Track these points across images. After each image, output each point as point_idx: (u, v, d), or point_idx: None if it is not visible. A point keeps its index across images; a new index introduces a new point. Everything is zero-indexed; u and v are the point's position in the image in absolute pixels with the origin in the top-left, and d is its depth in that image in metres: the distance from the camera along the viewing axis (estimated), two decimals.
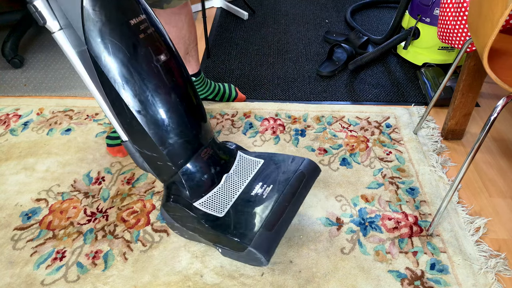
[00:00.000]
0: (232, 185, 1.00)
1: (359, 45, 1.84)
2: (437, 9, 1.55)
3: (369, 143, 1.33)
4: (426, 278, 0.96)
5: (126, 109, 0.87)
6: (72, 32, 0.82)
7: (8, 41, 1.73)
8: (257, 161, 1.07)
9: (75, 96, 1.58)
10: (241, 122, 1.43)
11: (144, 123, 0.89)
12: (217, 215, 0.94)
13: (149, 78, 0.88)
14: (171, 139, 0.93)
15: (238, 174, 1.03)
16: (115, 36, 0.83)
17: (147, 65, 0.87)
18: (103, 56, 0.82)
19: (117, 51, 0.83)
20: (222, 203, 0.96)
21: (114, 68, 0.84)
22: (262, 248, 0.87)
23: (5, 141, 1.37)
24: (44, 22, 0.80)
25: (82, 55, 0.84)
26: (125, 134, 0.93)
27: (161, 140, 0.91)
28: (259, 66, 1.77)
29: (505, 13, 0.72)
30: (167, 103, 0.91)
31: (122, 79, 0.85)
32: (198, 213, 0.94)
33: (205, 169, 0.98)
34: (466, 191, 1.18)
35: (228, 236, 0.89)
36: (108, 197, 1.17)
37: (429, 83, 1.53)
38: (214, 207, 0.95)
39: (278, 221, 0.92)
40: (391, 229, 1.07)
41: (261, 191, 0.98)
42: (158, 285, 0.95)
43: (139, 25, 0.86)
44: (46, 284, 0.96)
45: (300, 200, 1.00)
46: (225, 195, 0.98)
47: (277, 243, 0.91)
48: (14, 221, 1.10)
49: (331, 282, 0.95)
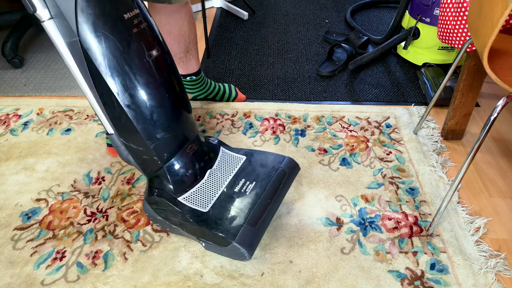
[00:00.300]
0: (216, 181, 1.02)
1: (359, 45, 1.84)
2: (437, 9, 1.55)
3: (369, 143, 1.33)
4: (426, 278, 0.96)
5: (115, 103, 0.87)
6: (63, 22, 0.81)
7: (8, 41, 1.73)
8: (240, 157, 1.09)
9: (75, 96, 1.58)
10: (241, 122, 1.43)
11: (133, 117, 0.89)
12: (201, 210, 0.95)
13: (140, 73, 0.88)
14: (158, 134, 0.93)
15: (221, 170, 1.05)
16: (108, 30, 0.82)
17: (139, 60, 0.87)
18: (95, 48, 0.82)
19: (110, 44, 0.83)
20: (206, 198, 0.98)
21: (105, 61, 0.83)
22: (246, 243, 0.90)
23: (5, 141, 1.37)
24: (34, 10, 0.79)
25: (72, 46, 0.83)
26: (112, 127, 0.93)
27: (149, 134, 0.92)
28: (259, 66, 1.77)
29: (505, 13, 0.72)
30: (156, 98, 0.91)
31: (113, 72, 0.84)
32: (183, 208, 0.95)
33: (190, 164, 0.99)
34: (466, 191, 1.18)
35: (213, 231, 0.91)
36: (108, 197, 1.17)
37: (429, 83, 1.53)
38: (198, 202, 0.96)
39: (261, 217, 0.95)
40: (391, 229, 1.07)
41: (244, 187, 1.00)
42: (158, 285, 0.95)
43: (132, 19, 0.85)
44: (46, 284, 0.96)
45: (281, 197, 1.04)
46: (208, 191, 0.99)
47: (260, 238, 0.94)
48: (14, 221, 1.10)
49: (331, 282, 0.95)
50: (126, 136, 0.93)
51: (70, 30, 0.81)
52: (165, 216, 1.00)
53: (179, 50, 1.32)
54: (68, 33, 0.82)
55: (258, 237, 0.94)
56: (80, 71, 0.86)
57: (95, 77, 0.85)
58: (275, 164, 1.07)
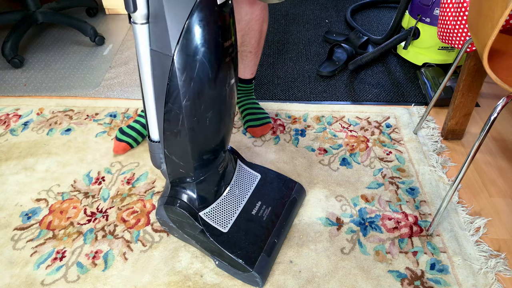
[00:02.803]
0: (234, 198, 1.03)
1: (359, 45, 1.84)
2: (437, 9, 1.55)
3: (369, 143, 1.33)
4: (426, 278, 0.96)
5: (180, 122, 0.84)
6: (159, 31, 0.75)
7: (8, 41, 1.73)
8: (255, 176, 1.10)
9: (75, 96, 1.58)
10: (241, 122, 1.43)
11: (191, 139, 0.87)
12: (221, 230, 0.96)
13: (217, 101, 0.85)
14: (206, 155, 0.92)
15: (239, 187, 1.05)
16: (207, 57, 0.78)
17: (221, 89, 0.84)
18: (187, 70, 0.78)
19: (203, 71, 0.79)
20: (226, 217, 0.99)
21: (191, 85, 0.80)
22: (262, 272, 0.93)
23: (5, 141, 1.37)
24: (134, 9, 0.72)
25: (157, 57, 0.78)
26: (161, 137, 0.90)
27: (197, 155, 0.91)
28: (259, 66, 1.77)
29: (505, 13, 0.72)
30: (219, 125, 0.90)
31: (192, 97, 0.81)
32: (203, 224, 0.95)
33: (217, 182, 1.00)
34: (466, 191, 1.18)
35: (233, 256, 0.92)
36: (108, 197, 1.17)
37: (429, 83, 1.53)
38: (218, 220, 0.97)
39: (275, 247, 0.98)
40: (391, 229, 1.07)
41: (261, 211, 1.02)
42: (158, 285, 0.95)
43: (229, 48, 0.82)
44: (46, 284, 0.96)
45: (290, 225, 1.08)
46: (228, 209, 1.00)
47: (271, 266, 0.98)
48: (14, 221, 1.10)
49: (331, 282, 0.95)
50: (173, 149, 0.91)
51: (165, 42, 0.75)
52: (180, 226, 0.99)
53: (250, 44, 1.29)
54: (160, 43, 0.76)
55: (271, 266, 0.98)
56: (153, 81, 0.82)
57: (171, 94, 0.81)
58: (288, 190, 1.10)
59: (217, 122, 0.89)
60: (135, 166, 1.26)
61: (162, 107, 0.84)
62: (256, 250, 0.95)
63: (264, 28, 1.28)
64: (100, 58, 1.83)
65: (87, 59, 1.83)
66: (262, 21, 1.25)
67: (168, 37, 0.74)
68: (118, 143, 1.30)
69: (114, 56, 1.84)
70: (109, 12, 2.21)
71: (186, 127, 0.84)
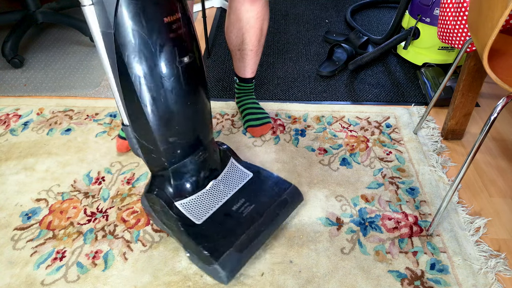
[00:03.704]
0: (216, 194, 1.01)
1: (359, 45, 1.84)
2: (437, 9, 1.55)
3: (369, 143, 1.33)
4: (426, 278, 0.96)
5: (137, 101, 0.86)
6: (102, 11, 0.79)
7: (8, 41, 1.73)
8: (246, 174, 1.08)
9: (75, 96, 1.58)
10: (241, 122, 1.43)
11: (150, 118, 0.88)
12: (194, 221, 0.95)
13: (167, 78, 0.87)
14: (171, 138, 0.93)
15: (225, 183, 1.03)
16: (145, 31, 0.81)
17: (169, 65, 0.86)
18: (129, 46, 0.81)
19: (144, 45, 0.82)
20: (202, 210, 0.98)
21: (136, 61, 0.82)
22: (227, 267, 0.90)
23: (5, 141, 1.37)
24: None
25: (106, 37, 0.82)
26: (128, 119, 0.92)
27: (162, 137, 0.91)
28: (259, 66, 1.77)
29: (505, 13, 0.72)
30: (177, 105, 0.90)
31: (141, 73, 0.84)
32: (177, 213, 0.95)
33: (195, 171, 0.99)
34: (466, 191, 1.18)
35: (199, 247, 0.91)
36: (108, 197, 1.17)
37: (429, 83, 1.53)
38: (193, 212, 0.96)
39: (250, 244, 0.94)
40: (391, 229, 1.07)
41: (242, 208, 0.99)
42: (158, 285, 0.95)
43: (172, 24, 0.84)
44: (46, 284, 0.96)
45: (276, 226, 1.02)
46: (207, 202, 0.99)
47: (243, 265, 0.94)
48: (14, 221, 1.10)
49: (331, 282, 0.95)
50: (140, 132, 0.93)
51: (107, 21, 0.79)
52: (159, 215, 0.99)
53: (236, 42, 1.30)
54: (104, 23, 0.80)
55: (241, 263, 0.94)
56: (109, 61, 0.85)
57: (121, 71, 0.84)
58: (280, 190, 1.05)
59: (175, 102, 0.89)
60: (135, 166, 1.26)
61: (120, 87, 0.87)
62: (225, 245, 0.91)
63: (264, 26, 1.28)
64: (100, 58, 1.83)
65: (87, 59, 1.83)
66: (262, 18, 1.25)
67: (107, 14, 0.79)
68: (122, 141, 1.30)
69: None
70: None
71: (141, 103, 0.86)
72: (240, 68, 1.38)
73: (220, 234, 0.94)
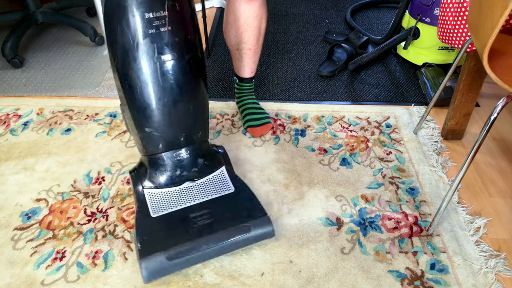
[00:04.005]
0: (185, 195, 1.01)
1: (359, 45, 1.84)
2: (437, 9, 1.55)
3: (369, 143, 1.33)
4: (426, 278, 0.96)
5: (117, 77, 0.90)
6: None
7: (8, 41, 1.73)
8: (228, 187, 1.05)
9: (75, 96, 1.58)
10: (241, 122, 1.43)
11: (127, 101, 0.93)
12: (150, 213, 0.97)
13: (143, 71, 0.89)
14: (147, 128, 0.96)
15: (200, 189, 1.03)
16: (124, 23, 0.84)
17: (146, 60, 0.89)
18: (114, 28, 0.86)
19: (123, 36, 0.86)
20: (163, 205, 0.99)
21: (118, 45, 0.87)
22: (149, 269, 0.90)
23: (5, 141, 1.37)
24: None
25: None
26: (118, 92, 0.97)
27: (138, 124, 0.95)
28: (259, 66, 1.77)
29: (505, 13, 0.72)
30: (154, 100, 0.93)
31: (121, 58, 0.88)
32: (142, 199, 0.98)
33: (170, 168, 1.01)
34: (466, 191, 1.18)
35: (138, 238, 0.93)
36: (108, 197, 1.17)
37: (429, 83, 1.53)
38: (154, 204, 0.98)
39: (182, 257, 0.92)
40: (391, 229, 1.07)
41: (199, 219, 0.97)
42: (158, 285, 0.95)
43: (153, 20, 0.86)
44: (46, 284, 0.96)
45: (225, 250, 0.96)
46: (171, 200, 0.99)
47: (168, 273, 0.93)
48: (14, 221, 1.10)
49: (331, 282, 0.95)
50: (125, 113, 0.97)
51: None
52: (134, 195, 1.03)
53: (234, 42, 1.31)
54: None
55: (166, 272, 0.92)
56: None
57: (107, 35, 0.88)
58: (248, 217, 0.98)
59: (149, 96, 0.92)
60: None
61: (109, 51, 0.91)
62: (159, 247, 0.91)
63: (263, 25, 1.28)
64: (100, 58, 1.83)
65: (87, 59, 1.83)
66: (260, 17, 1.25)
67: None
68: None
69: None
70: None
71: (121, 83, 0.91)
72: (239, 68, 1.38)
73: (162, 234, 0.94)
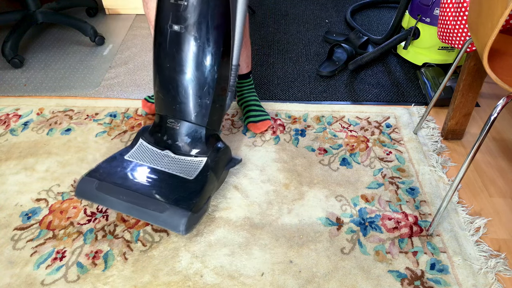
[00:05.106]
0: (157, 159, 1.11)
1: (359, 45, 1.84)
2: (437, 9, 1.55)
3: (369, 143, 1.33)
4: (426, 278, 0.96)
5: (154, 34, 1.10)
6: None
7: (8, 41, 1.73)
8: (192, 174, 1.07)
9: (75, 96, 1.58)
10: (241, 122, 1.43)
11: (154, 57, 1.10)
12: (126, 154, 1.13)
13: (158, 34, 1.06)
14: (157, 87, 1.12)
15: (172, 162, 1.11)
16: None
17: (162, 25, 1.05)
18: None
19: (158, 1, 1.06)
20: (138, 156, 1.12)
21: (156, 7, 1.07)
22: (79, 187, 1.04)
23: (5, 141, 1.37)
24: None
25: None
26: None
27: (154, 81, 1.13)
28: (259, 66, 1.77)
29: (505, 13, 0.72)
30: (160, 62, 1.08)
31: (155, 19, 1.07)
32: (134, 142, 1.16)
33: (162, 131, 1.14)
34: (466, 191, 1.18)
35: (100, 163, 1.11)
36: None
37: (429, 83, 1.53)
38: (136, 152, 1.14)
39: (105, 194, 1.02)
40: (391, 229, 1.07)
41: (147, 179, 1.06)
42: (158, 285, 0.95)
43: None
44: (46, 284, 0.96)
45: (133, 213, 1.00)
46: (146, 156, 1.12)
47: (90, 200, 1.04)
48: (14, 221, 1.10)
49: (331, 282, 0.95)
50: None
51: None
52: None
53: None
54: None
55: (90, 197, 1.03)
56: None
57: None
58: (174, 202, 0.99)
59: (159, 58, 1.08)
60: None
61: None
62: (100, 176, 1.05)
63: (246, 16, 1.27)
64: (100, 58, 1.83)
65: (87, 59, 1.83)
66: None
67: None
68: (146, 102, 1.45)
69: (114, 56, 1.84)
70: (109, 12, 2.21)
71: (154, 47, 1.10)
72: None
73: (114, 170, 1.07)
